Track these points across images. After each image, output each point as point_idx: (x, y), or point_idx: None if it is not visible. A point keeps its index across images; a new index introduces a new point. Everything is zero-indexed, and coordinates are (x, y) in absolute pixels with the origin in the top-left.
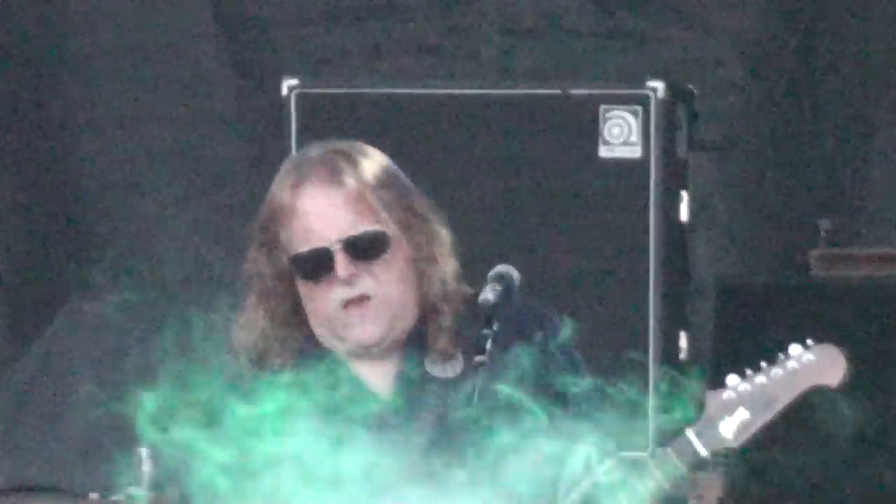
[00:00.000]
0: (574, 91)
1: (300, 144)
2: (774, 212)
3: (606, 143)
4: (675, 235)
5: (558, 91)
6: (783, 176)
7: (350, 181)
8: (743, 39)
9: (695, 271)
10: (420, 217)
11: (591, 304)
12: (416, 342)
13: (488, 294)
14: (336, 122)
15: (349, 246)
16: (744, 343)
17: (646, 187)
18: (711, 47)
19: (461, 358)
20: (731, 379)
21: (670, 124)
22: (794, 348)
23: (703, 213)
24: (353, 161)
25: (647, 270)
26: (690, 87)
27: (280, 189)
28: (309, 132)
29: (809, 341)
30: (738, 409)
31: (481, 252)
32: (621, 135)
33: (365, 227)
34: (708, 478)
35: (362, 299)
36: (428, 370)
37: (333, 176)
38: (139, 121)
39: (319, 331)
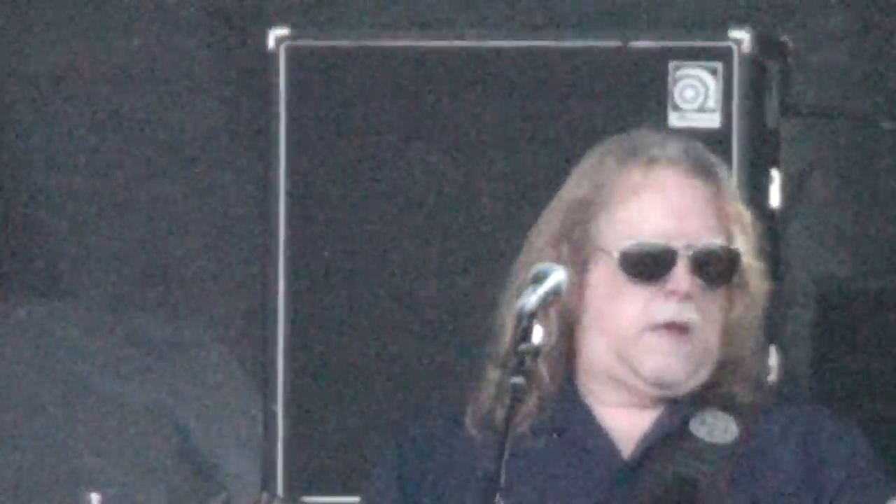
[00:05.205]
0: (637, 43)
1: (290, 110)
2: (891, 196)
3: (677, 108)
4: (765, 225)
5: (617, 43)
6: None
7: (713, 179)
8: None
9: (789, 271)
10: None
11: None
12: (697, 396)
13: (529, 298)
14: (335, 82)
15: (697, 259)
16: (851, 363)
17: (727, 164)
18: None
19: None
20: None
21: (758, 85)
22: None
23: (799, 198)
24: (709, 160)
25: None
26: (784, 37)
27: (619, 167)
28: (301, 95)
29: None
30: None
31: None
32: (696, 99)
33: (719, 240)
34: None
35: (683, 330)
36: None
37: (697, 166)
38: (87, 80)
39: (603, 359)
